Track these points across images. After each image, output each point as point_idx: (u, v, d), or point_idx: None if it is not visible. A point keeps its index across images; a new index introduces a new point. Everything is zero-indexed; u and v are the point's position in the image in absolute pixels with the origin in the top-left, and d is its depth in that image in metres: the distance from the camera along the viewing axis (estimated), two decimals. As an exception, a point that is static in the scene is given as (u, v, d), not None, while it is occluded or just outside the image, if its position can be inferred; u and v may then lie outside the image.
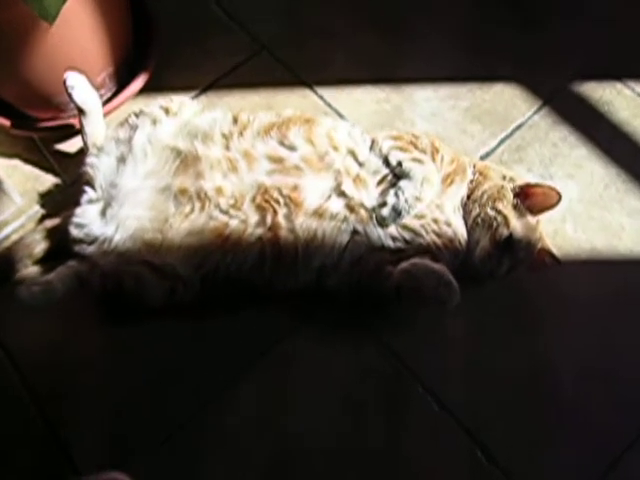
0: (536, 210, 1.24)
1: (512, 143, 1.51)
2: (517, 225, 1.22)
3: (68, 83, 1.30)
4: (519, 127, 1.54)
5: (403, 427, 1.21)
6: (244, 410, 1.22)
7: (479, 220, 1.23)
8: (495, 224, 1.22)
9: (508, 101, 1.58)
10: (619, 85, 1.60)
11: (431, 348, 1.28)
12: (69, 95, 1.31)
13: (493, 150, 1.50)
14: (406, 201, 1.18)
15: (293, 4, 1.76)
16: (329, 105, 1.57)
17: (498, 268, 1.22)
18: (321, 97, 1.59)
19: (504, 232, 1.21)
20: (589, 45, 1.65)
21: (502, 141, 1.52)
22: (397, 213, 1.18)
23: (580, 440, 1.19)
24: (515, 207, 1.24)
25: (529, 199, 1.24)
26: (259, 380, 1.25)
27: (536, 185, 1.25)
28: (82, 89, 1.32)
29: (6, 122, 1.47)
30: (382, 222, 1.19)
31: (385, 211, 1.19)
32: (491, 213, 1.23)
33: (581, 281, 1.34)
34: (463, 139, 1.51)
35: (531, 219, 1.24)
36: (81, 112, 1.34)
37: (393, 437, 1.20)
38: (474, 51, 1.64)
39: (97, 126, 1.37)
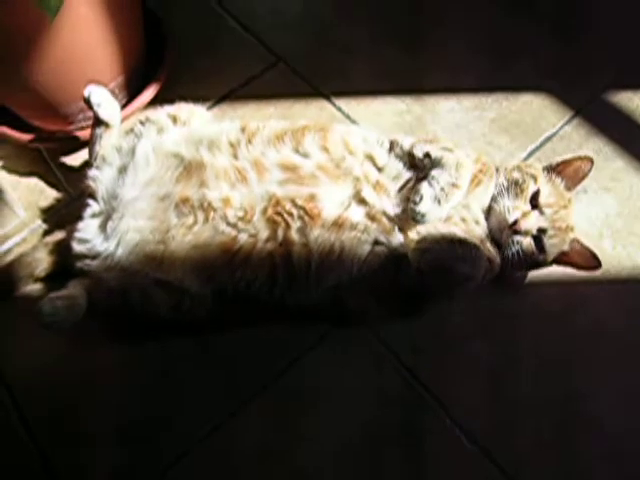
0: (571, 184, 1.19)
1: (542, 155, 1.42)
2: (546, 186, 1.17)
3: (93, 100, 1.25)
4: (549, 138, 1.45)
5: (428, 463, 1.10)
6: (252, 438, 1.13)
7: (504, 185, 1.17)
8: (522, 182, 1.16)
9: (537, 112, 1.49)
10: (656, 95, 1.51)
11: (458, 376, 1.18)
12: (94, 112, 1.26)
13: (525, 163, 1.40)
14: (442, 189, 1.07)
15: (310, 16, 1.71)
16: (347, 117, 1.51)
17: (528, 244, 1.13)
18: (339, 109, 1.52)
19: (532, 187, 1.15)
20: (623, 54, 1.57)
21: (531, 153, 1.43)
22: (437, 204, 1.07)
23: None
24: (544, 170, 1.20)
25: (561, 175, 1.19)
26: (269, 406, 1.16)
27: (564, 161, 1.20)
28: (108, 104, 1.27)
29: (16, 134, 1.43)
30: (420, 219, 1.07)
31: (423, 205, 1.06)
32: (516, 175, 1.18)
33: (622, 302, 1.24)
34: (490, 151, 1.43)
35: (564, 190, 1.18)
36: (104, 125, 1.28)
37: (416, 474, 1.09)
38: (499, 61, 1.58)
39: (113, 139, 1.30)
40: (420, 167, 1.15)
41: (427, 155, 1.13)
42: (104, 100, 1.26)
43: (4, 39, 1.18)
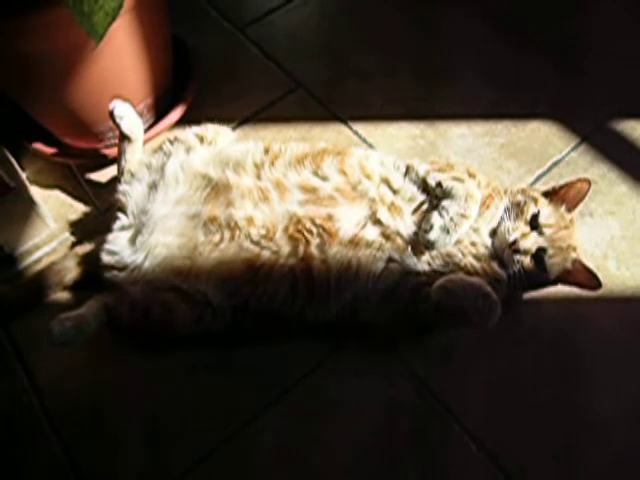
0: (571, 205, 1.24)
1: (549, 179, 1.48)
2: (546, 208, 1.22)
3: (116, 113, 1.31)
4: (556, 164, 1.52)
5: (438, 468, 1.14)
6: (268, 445, 1.17)
7: (509, 207, 1.22)
8: (523, 204, 1.21)
9: (544, 138, 1.56)
10: (659, 124, 1.58)
11: (468, 385, 1.23)
12: (117, 125, 1.33)
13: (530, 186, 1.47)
14: (451, 219, 1.14)
15: (328, 45, 1.80)
16: (364, 140, 1.58)
17: (530, 264, 1.18)
18: (356, 132, 1.59)
19: (532, 209, 1.20)
20: (627, 85, 1.64)
21: (539, 178, 1.49)
22: (446, 233, 1.14)
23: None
24: (545, 195, 1.25)
25: (563, 198, 1.24)
26: (285, 414, 1.20)
27: (566, 184, 1.25)
28: (130, 118, 1.33)
29: (48, 150, 1.52)
30: (430, 246, 1.15)
31: (433, 234, 1.14)
32: (520, 198, 1.23)
33: (625, 320, 1.28)
34: (499, 175, 1.49)
35: (564, 212, 1.23)
36: (126, 139, 1.35)
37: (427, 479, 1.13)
38: (509, 90, 1.65)
39: (137, 154, 1.37)
40: (432, 195, 1.21)
41: (439, 185, 1.19)
42: (126, 114, 1.32)
43: (47, 61, 1.26)
